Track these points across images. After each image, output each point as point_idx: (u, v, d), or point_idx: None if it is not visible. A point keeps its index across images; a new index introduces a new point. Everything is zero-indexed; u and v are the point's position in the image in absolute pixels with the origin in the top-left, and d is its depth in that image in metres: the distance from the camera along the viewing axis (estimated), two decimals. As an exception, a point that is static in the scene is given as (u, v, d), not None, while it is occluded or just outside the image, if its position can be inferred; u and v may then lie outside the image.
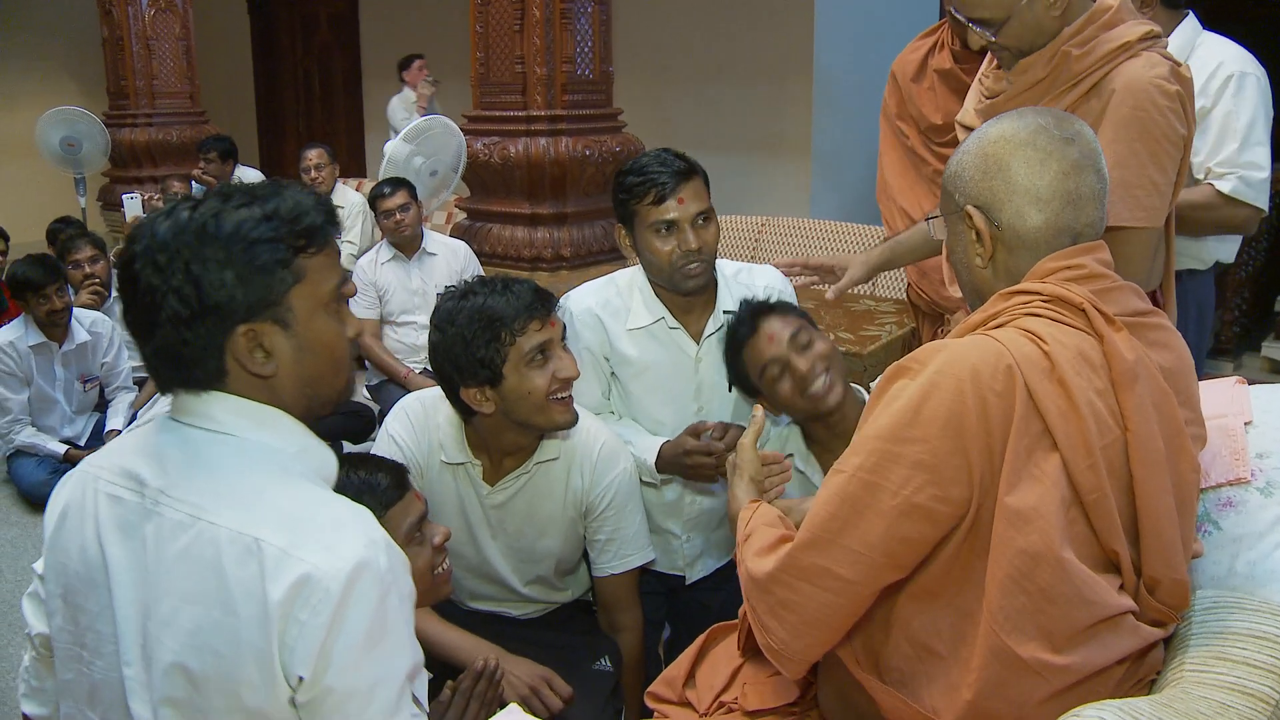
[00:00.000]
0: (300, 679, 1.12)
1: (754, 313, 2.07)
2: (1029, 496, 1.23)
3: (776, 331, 2.01)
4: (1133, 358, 1.29)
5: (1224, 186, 2.45)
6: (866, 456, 1.28)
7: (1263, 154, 2.48)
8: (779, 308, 2.08)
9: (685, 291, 2.16)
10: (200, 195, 1.24)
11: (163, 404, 1.65)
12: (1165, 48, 1.86)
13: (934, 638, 1.31)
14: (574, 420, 1.94)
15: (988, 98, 2.02)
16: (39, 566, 1.35)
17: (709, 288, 2.21)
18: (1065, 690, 1.25)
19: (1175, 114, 1.78)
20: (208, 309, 1.17)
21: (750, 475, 1.66)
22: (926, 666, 1.31)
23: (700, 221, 2.11)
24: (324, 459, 1.28)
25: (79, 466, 1.32)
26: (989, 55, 2.08)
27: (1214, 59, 2.52)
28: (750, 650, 1.69)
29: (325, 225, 1.25)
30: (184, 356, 1.20)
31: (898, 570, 1.29)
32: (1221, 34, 2.61)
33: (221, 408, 1.22)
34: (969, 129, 2.06)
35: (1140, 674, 1.34)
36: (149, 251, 1.18)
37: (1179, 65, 1.83)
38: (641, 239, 2.13)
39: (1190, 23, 2.60)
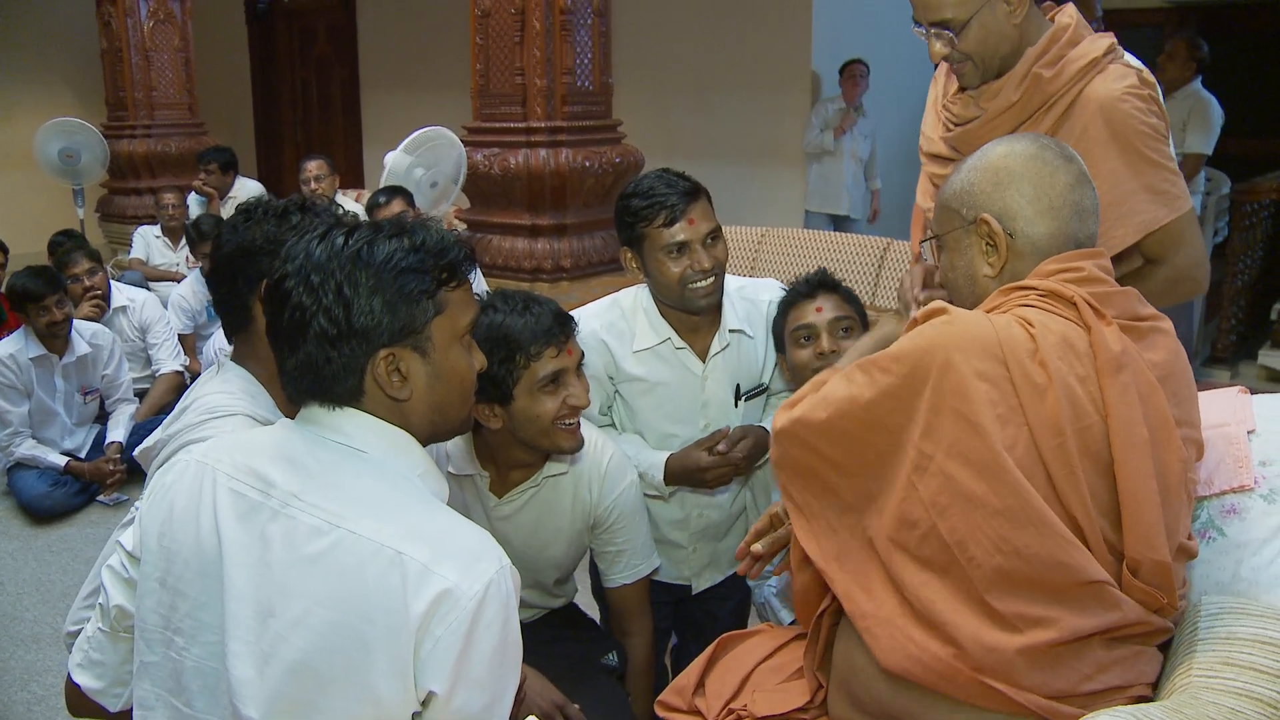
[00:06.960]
0: (431, 694, 1.16)
1: (822, 282, 2.16)
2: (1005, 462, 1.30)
3: (827, 307, 2.12)
4: (1119, 348, 1.35)
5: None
6: (851, 362, 1.47)
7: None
8: (845, 292, 2.18)
9: (696, 310, 2.15)
10: (350, 222, 1.31)
11: (191, 413, 1.66)
12: (1123, 57, 1.91)
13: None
14: (579, 446, 1.94)
15: (957, 124, 1.99)
16: (127, 542, 1.36)
17: (716, 306, 2.21)
18: (1046, 648, 1.30)
19: (1153, 113, 1.86)
20: (355, 331, 1.24)
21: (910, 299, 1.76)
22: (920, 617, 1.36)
23: (710, 241, 2.10)
24: (440, 483, 1.35)
25: (190, 455, 1.33)
26: (947, 80, 2.07)
27: None
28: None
29: (466, 261, 1.32)
30: (325, 373, 1.26)
31: (847, 458, 1.42)
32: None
33: (355, 424, 1.28)
34: (936, 157, 2.07)
35: (1133, 690, 1.36)
36: (303, 271, 1.25)
37: (1142, 71, 1.90)
38: (652, 262, 2.11)
39: None
